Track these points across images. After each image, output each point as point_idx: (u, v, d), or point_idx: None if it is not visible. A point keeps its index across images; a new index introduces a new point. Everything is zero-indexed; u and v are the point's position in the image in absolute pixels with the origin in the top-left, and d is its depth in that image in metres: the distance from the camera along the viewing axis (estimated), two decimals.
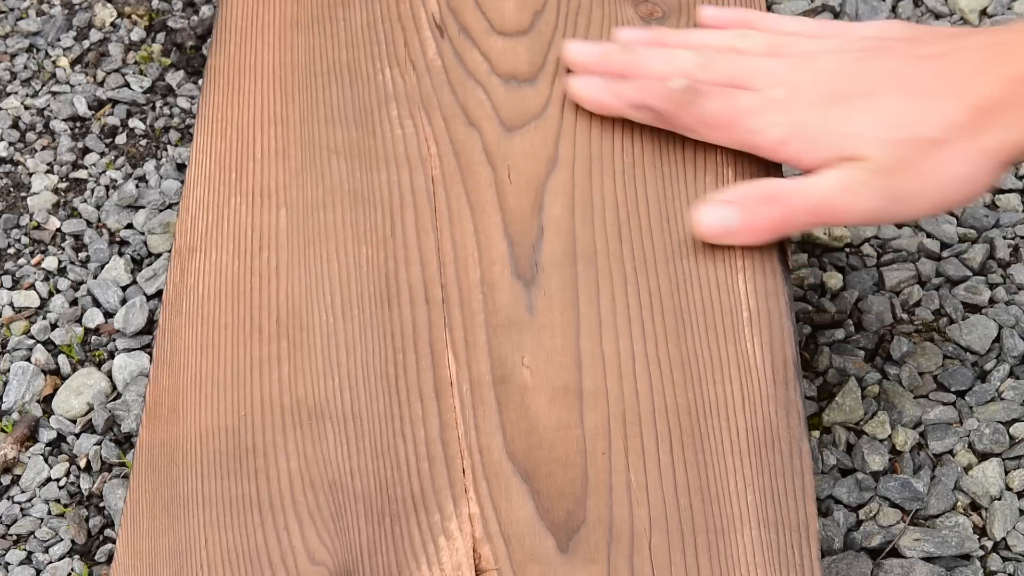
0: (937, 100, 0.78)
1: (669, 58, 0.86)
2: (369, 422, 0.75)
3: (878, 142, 0.78)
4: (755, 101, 0.83)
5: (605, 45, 0.89)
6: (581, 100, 0.87)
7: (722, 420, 0.76)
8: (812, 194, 0.80)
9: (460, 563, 0.70)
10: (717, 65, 0.85)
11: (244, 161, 0.87)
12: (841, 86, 0.81)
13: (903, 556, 0.88)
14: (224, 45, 0.94)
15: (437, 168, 0.86)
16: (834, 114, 0.80)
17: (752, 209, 0.80)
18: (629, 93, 0.85)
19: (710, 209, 0.81)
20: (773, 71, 0.84)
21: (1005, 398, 0.96)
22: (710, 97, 0.83)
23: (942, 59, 0.80)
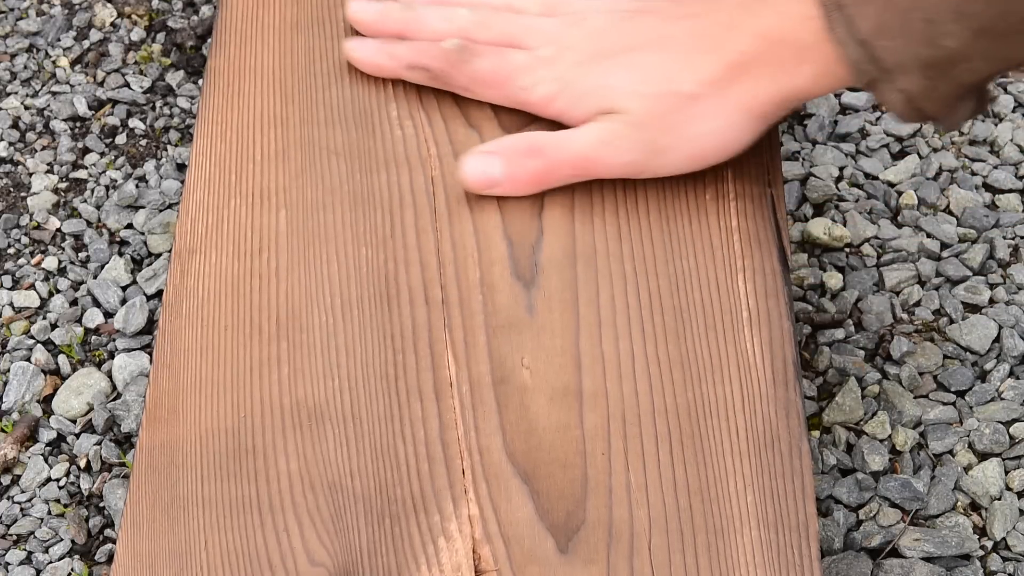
0: (692, 56, 0.81)
1: (446, 15, 0.88)
2: (369, 423, 0.75)
3: (635, 95, 0.81)
4: (526, 59, 0.85)
5: (385, 3, 0.91)
6: (356, 62, 0.89)
7: (722, 420, 0.76)
8: (573, 147, 0.82)
9: (460, 564, 0.70)
10: (493, 23, 0.87)
11: (244, 163, 0.87)
12: (606, 44, 0.84)
13: (903, 556, 0.88)
14: (224, 47, 0.94)
15: (437, 169, 0.86)
16: (597, 70, 0.83)
17: (515, 161, 0.82)
18: (403, 53, 0.87)
19: (474, 159, 0.83)
20: (546, 30, 0.86)
21: (1005, 398, 0.96)
22: (482, 56, 0.86)
23: (699, 18, 0.82)
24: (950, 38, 0.74)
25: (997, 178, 1.09)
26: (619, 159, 0.82)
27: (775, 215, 0.84)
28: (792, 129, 1.11)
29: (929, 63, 0.75)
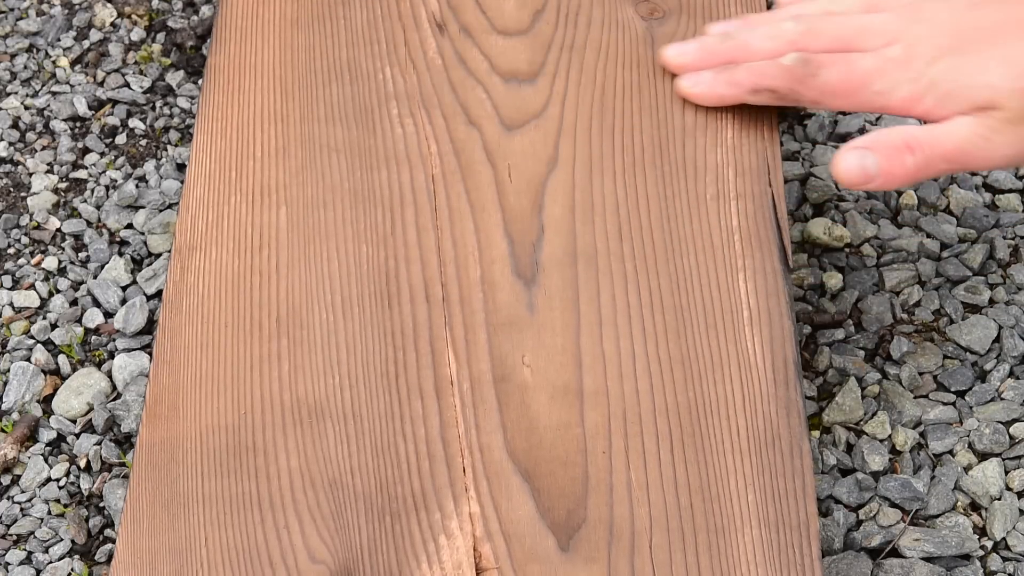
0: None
1: (771, 33, 0.86)
2: (369, 420, 0.75)
3: (1012, 92, 0.79)
4: (875, 62, 0.82)
5: (702, 39, 0.88)
6: (696, 97, 0.87)
7: (722, 419, 0.76)
8: (951, 142, 0.80)
9: (460, 562, 0.70)
10: (823, 30, 0.84)
11: (244, 160, 0.87)
12: (961, 36, 0.81)
13: (903, 556, 0.88)
14: (224, 44, 0.94)
15: (437, 167, 0.86)
16: (963, 66, 0.80)
17: (891, 156, 0.80)
18: (744, 78, 0.85)
19: (850, 154, 0.81)
20: (882, 27, 0.83)
21: (1005, 398, 0.96)
22: (828, 66, 0.83)
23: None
24: None
25: (997, 178, 1.09)
26: (998, 153, 0.80)
27: (775, 215, 0.84)
28: (792, 129, 1.11)
29: None
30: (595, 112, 0.88)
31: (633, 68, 0.91)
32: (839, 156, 0.81)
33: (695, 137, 0.87)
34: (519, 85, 0.90)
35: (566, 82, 0.90)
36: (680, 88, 0.87)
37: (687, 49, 0.88)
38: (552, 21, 0.93)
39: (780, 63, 0.83)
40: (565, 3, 0.94)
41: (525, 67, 0.91)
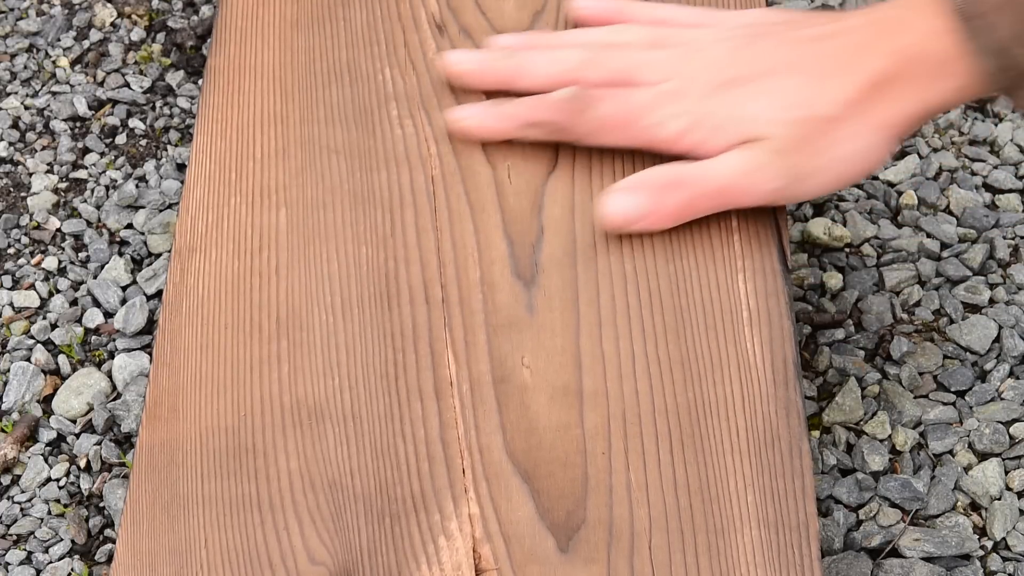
0: (829, 79, 0.80)
1: (553, 58, 0.85)
2: (369, 422, 0.75)
3: (776, 122, 0.80)
4: (649, 96, 0.82)
5: (484, 52, 0.88)
6: (467, 131, 0.86)
7: (722, 420, 0.76)
8: (716, 177, 0.80)
9: (460, 563, 0.70)
10: (604, 61, 0.84)
11: (244, 161, 0.87)
12: (732, 72, 0.82)
13: (903, 556, 0.88)
14: (224, 45, 0.94)
15: (437, 168, 0.86)
16: (731, 99, 0.81)
17: (658, 195, 0.80)
18: (517, 112, 0.84)
19: (616, 197, 0.80)
20: (661, 63, 0.84)
21: (1005, 398, 0.96)
22: (603, 100, 0.83)
23: (827, 40, 0.81)
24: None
25: (997, 178, 1.09)
26: (763, 187, 0.80)
27: (775, 215, 0.84)
28: None
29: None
30: None
31: None
32: (605, 197, 0.80)
33: None
34: None
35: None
36: (450, 120, 0.86)
37: (469, 58, 0.88)
38: (552, 22, 0.93)
39: (554, 97, 0.83)
40: (565, 4, 0.94)
41: None
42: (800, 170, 0.80)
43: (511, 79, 0.86)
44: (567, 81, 0.83)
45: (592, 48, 0.85)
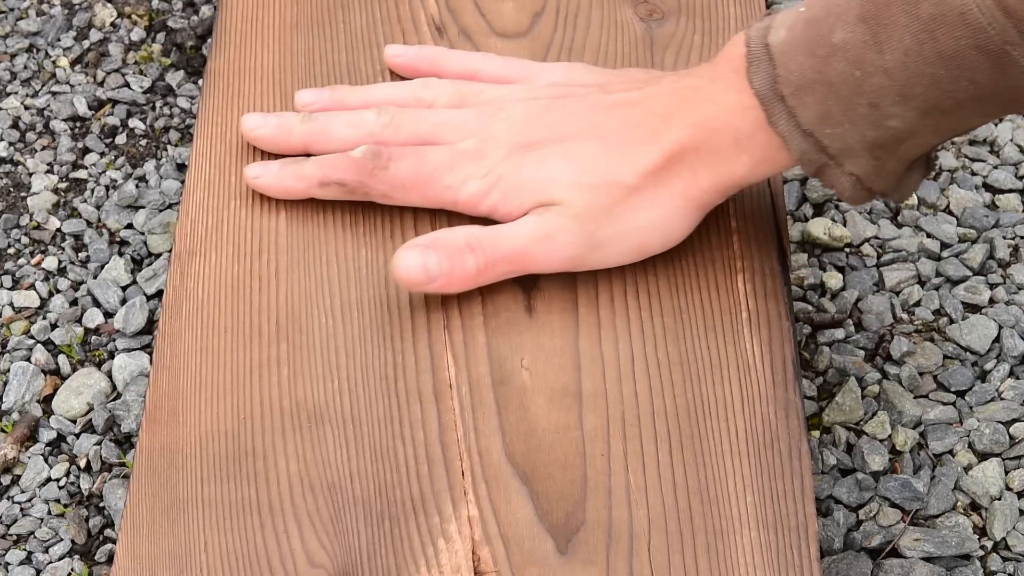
0: (630, 147, 0.78)
1: (352, 121, 0.84)
2: (368, 425, 0.75)
3: (574, 186, 0.78)
4: (447, 155, 0.81)
5: (283, 115, 0.86)
6: (263, 189, 0.84)
7: (721, 421, 0.76)
8: (512, 242, 0.78)
9: (459, 565, 0.70)
10: (404, 122, 0.83)
11: (244, 164, 0.87)
12: (534, 134, 0.80)
13: (903, 556, 0.88)
14: (224, 48, 0.94)
15: None
16: (530, 161, 0.79)
17: (452, 255, 0.78)
18: (312, 172, 0.83)
19: (410, 252, 0.77)
20: (462, 123, 0.82)
21: (1005, 398, 0.96)
22: (399, 159, 0.81)
23: (632, 107, 0.80)
24: (896, 119, 0.73)
25: (997, 178, 1.09)
26: (559, 254, 0.78)
27: (775, 215, 0.84)
28: None
29: (876, 144, 0.74)
30: None
31: None
32: (400, 253, 0.77)
33: None
34: None
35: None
36: (247, 178, 0.84)
37: (266, 123, 0.86)
38: (551, 23, 0.93)
39: (350, 155, 0.81)
40: (564, 5, 0.94)
41: None
42: (597, 238, 0.78)
43: (309, 143, 0.84)
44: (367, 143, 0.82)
45: (393, 109, 0.84)
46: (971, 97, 0.71)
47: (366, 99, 0.86)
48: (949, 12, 0.69)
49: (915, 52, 0.70)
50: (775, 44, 0.75)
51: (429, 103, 0.85)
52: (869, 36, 0.72)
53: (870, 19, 0.71)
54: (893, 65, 0.71)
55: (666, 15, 0.94)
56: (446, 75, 0.87)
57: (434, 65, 0.88)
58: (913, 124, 0.73)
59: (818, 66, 0.73)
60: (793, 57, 0.74)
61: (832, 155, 0.75)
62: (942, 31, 0.69)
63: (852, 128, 0.74)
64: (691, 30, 0.93)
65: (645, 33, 0.93)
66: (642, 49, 0.92)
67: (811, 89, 0.74)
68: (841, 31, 0.72)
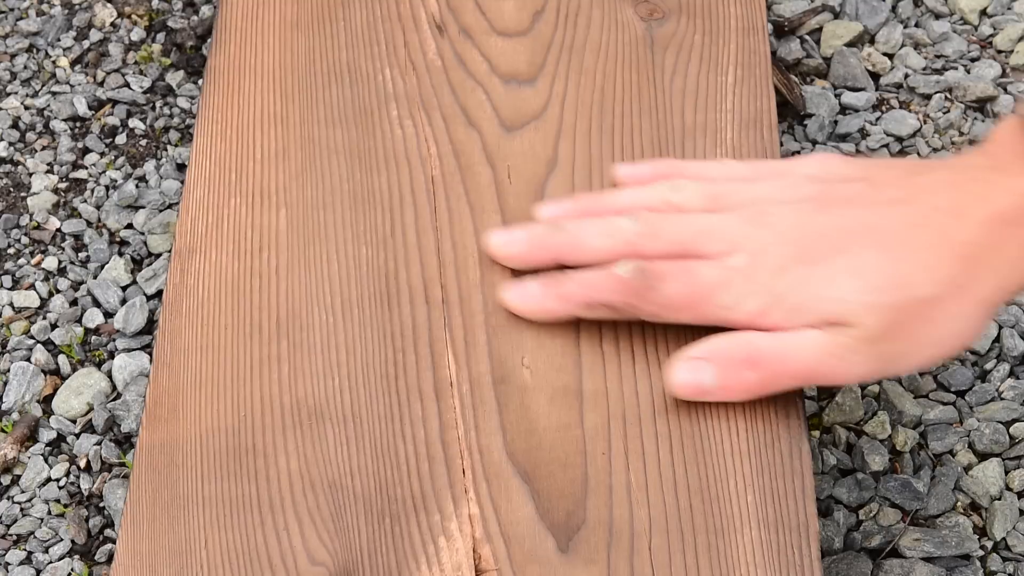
0: (919, 252, 0.73)
1: (606, 230, 0.78)
2: (369, 422, 0.75)
3: (867, 308, 0.73)
4: (717, 273, 0.76)
5: (531, 228, 0.81)
6: (525, 313, 0.79)
7: (722, 420, 0.76)
8: (797, 360, 0.74)
9: (460, 563, 0.70)
10: (662, 231, 0.78)
11: (244, 162, 0.87)
12: (807, 244, 0.75)
13: (903, 556, 0.88)
14: (224, 46, 0.94)
15: (437, 168, 0.86)
16: (812, 278, 0.74)
17: (730, 370, 0.74)
18: (576, 292, 0.77)
19: (684, 367, 0.75)
20: (725, 230, 0.77)
21: (1005, 398, 0.96)
22: (668, 279, 0.76)
23: (910, 204, 0.75)
24: None
25: None
26: (850, 372, 0.74)
27: None
28: (792, 129, 1.11)
29: None
30: (594, 113, 0.88)
31: (633, 69, 0.91)
32: (673, 367, 0.74)
33: (694, 138, 0.87)
34: (519, 86, 0.90)
35: (565, 83, 0.90)
36: (507, 302, 0.79)
37: (515, 239, 0.80)
38: (552, 22, 0.93)
39: (616, 275, 0.76)
40: (565, 4, 0.94)
41: (525, 68, 0.91)
42: (892, 354, 0.73)
43: (563, 255, 0.79)
44: (624, 254, 0.77)
45: (648, 216, 0.78)
46: None
47: (613, 205, 0.81)
48: None
49: None
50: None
51: (679, 206, 0.79)
52: None
53: None
54: None
55: (666, 15, 0.94)
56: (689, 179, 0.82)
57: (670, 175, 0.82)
58: None
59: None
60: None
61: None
62: None
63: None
64: (691, 30, 0.93)
65: (645, 33, 0.93)
66: (642, 49, 0.92)
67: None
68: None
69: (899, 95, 1.14)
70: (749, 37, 0.94)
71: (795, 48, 1.15)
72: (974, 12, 1.18)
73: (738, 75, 0.91)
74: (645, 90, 0.90)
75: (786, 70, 1.13)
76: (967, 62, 1.16)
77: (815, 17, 1.17)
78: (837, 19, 1.18)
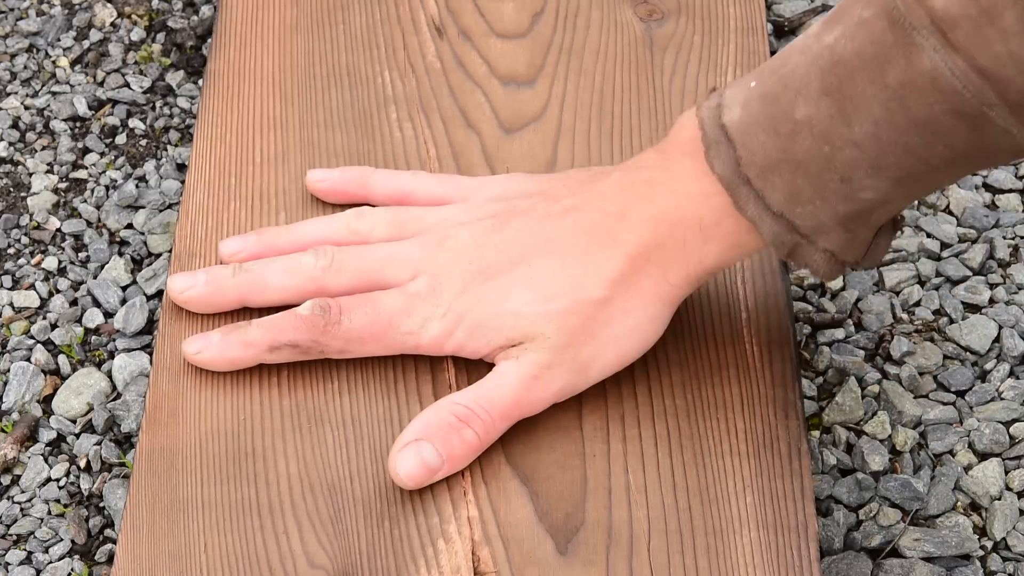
0: (590, 256, 0.75)
1: (288, 268, 0.79)
2: (368, 426, 0.75)
3: (545, 316, 0.74)
4: (399, 300, 0.76)
5: (211, 271, 0.80)
6: (207, 364, 0.78)
7: (721, 422, 0.76)
8: (502, 397, 0.74)
9: (459, 566, 0.70)
10: (344, 263, 0.78)
11: (244, 165, 0.87)
12: (486, 260, 0.76)
13: (903, 556, 0.88)
14: (224, 49, 0.94)
15: (437, 170, 0.86)
16: (489, 293, 0.75)
17: (448, 439, 0.73)
18: (259, 337, 0.77)
19: (404, 452, 0.73)
20: (407, 257, 0.78)
21: (1005, 398, 0.96)
22: (349, 310, 0.76)
23: (582, 211, 0.76)
24: (869, 191, 0.70)
25: (997, 178, 1.09)
26: (551, 390, 0.75)
27: None
28: None
29: (849, 217, 0.71)
30: (593, 115, 0.88)
31: (632, 70, 0.91)
32: (395, 458, 0.73)
33: None
34: (518, 88, 0.90)
35: (565, 85, 0.90)
36: (186, 355, 0.78)
37: (195, 282, 0.80)
38: (551, 23, 0.93)
39: (297, 314, 0.76)
40: (564, 5, 0.94)
41: (524, 70, 0.91)
42: (580, 360, 0.75)
43: (245, 297, 0.80)
44: (309, 291, 0.78)
45: (330, 250, 0.79)
46: (946, 161, 0.69)
47: (298, 239, 0.81)
48: (919, 78, 0.66)
49: (886, 122, 0.67)
50: (732, 124, 0.72)
51: (365, 236, 0.80)
52: (835, 110, 0.69)
53: (833, 92, 0.68)
54: (863, 137, 0.68)
55: (666, 15, 0.94)
56: (375, 198, 0.83)
57: (363, 187, 0.84)
58: (887, 193, 0.70)
59: (783, 144, 0.70)
60: (754, 137, 0.71)
61: (805, 234, 0.72)
62: (913, 98, 0.66)
63: (824, 204, 0.71)
64: (691, 30, 0.93)
65: (645, 33, 0.93)
66: (642, 49, 0.92)
67: (777, 169, 0.71)
68: (804, 106, 0.69)
69: None
70: (749, 37, 0.94)
71: None
72: None
73: (738, 75, 0.92)
74: (644, 91, 0.90)
75: None
76: None
77: (815, 17, 1.17)
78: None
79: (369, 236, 0.80)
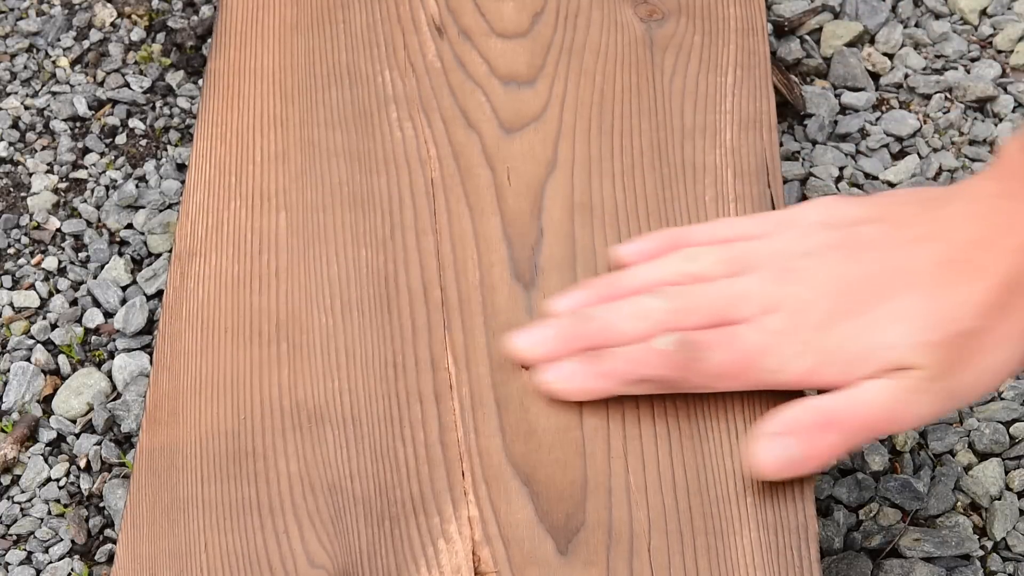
0: (957, 288, 0.73)
1: (637, 313, 0.76)
2: (369, 425, 0.75)
3: (922, 347, 0.73)
4: (759, 338, 0.75)
5: (556, 323, 0.78)
6: (561, 393, 0.76)
7: (721, 422, 0.76)
8: (869, 412, 0.73)
9: (460, 566, 0.70)
10: (695, 305, 0.76)
11: (244, 164, 0.87)
12: (845, 296, 0.75)
13: (903, 556, 0.88)
14: (224, 49, 0.94)
15: (436, 170, 0.86)
16: (858, 331, 0.74)
17: (810, 438, 0.73)
18: (619, 368, 0.75)
19: (768, 443, 0.73)
20: (756, 292, 0.76)
21: (1005, 398, 0.96)
22: (712, 347, 0.74)
23: (937, 241, 0.75)
24: None
25: None
26: (919, 414, 0.73)
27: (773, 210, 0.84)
28: (792, 129, 1.11)
29: None
30: (594, 114, 0.88)
31: (632, 70, 0.91)
32: (757, 447, 0.73)
33: (694, 139, 0.87)
34: (518, 88, 0.90)
35: (565, 84, 0.90)
36: (543, 383, 0.76)
37: (542, 338, 0.77)
38: (551, 23, 0.93)
39: (659, 350, 0.74)
40: (564, 5, 0.94)
41: (524, 70, 0.91)
42: (953, 391, 0.73)
43: (596, 346, 0.76)
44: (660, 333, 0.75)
45: (675, 291, 0.77)
46: None
47: (631, 286, 0.79)
48: None
49: None
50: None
51: (705, 276, 0.78)
52: None
53: None
54: None
55: (666, 15, 0.94)
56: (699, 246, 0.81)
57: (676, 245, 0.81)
58: None
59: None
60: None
61: None
62: None
63: None
64: (691, 30, 0.93)
65: (645, 33, 0.93)
66: (642, 50, 0.92)
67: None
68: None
69: (899, 95, 1.14)
70: (748, 38, 0.94)
71: (795, 48, 1.15)
72: (974, 12, 1.18)
73: (738, 76, 0.92)
74: (645, 91, 0.90)
75: (786, 70, 1.13)
76: (967, 62, 1.16)
77: (815, 17, 1.17)
78: (837, 19, 1.18)
79: (703, 276, 0.78)
